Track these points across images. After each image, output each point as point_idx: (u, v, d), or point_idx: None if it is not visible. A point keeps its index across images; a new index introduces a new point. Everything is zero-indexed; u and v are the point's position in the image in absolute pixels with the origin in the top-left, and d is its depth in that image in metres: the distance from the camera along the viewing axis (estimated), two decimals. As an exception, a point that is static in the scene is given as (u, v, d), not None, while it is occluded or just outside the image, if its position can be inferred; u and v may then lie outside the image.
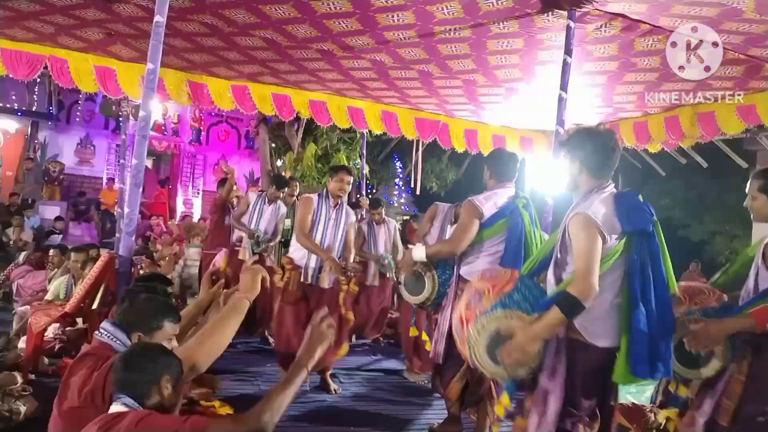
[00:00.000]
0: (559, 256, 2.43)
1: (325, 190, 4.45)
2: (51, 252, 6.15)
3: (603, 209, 2.31)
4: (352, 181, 4.43)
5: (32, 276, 6.38)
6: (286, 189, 5.93)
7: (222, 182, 6.43)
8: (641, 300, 2.27)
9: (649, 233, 2.32)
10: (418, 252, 3.44)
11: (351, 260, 4.49)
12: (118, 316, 2.16)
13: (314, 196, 4.39)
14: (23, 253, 7.24)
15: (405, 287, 3.69)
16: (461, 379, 3.37)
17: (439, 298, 3.53)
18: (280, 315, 4.41)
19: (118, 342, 2.06)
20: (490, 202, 3.33)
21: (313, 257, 4.26)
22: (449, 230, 5.13)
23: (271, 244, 5.79)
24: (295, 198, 6.54)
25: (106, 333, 2.09)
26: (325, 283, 4.29)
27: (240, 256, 5.59)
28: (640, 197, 2.41)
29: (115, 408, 1.70)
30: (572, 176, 2.46)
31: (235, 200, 6.40)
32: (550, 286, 2.46)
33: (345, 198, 4.46)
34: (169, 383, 1.76)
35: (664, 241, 2.38)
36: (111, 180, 13.91)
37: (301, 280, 4.28)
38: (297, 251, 4.35)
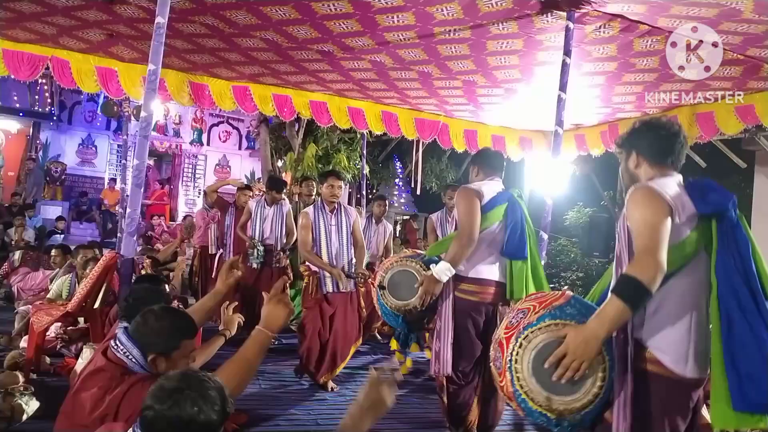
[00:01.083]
0: (625, 258, 1.94)
1: (319, 199, 4.48)
2: (53, 251, 6.16)
3: (670, 187, 1.92)
4: (343, 185, 4.44)
5: (31, 277, 6.40)
6: (281, 189, 5.85)
7: (241, 188, 6.44)
8: (738, 306, 1.80)
9: (733, 219, 1.89)
10: (442, 269, 3.04)
11: (363, 260, 4.43)
12: (133, 332, 1.98)
13: (310, 210, 4.39)
14: (17, 253, 7.22)
15: (390, 292, 3.31)
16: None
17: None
18: (301, 320, 4.46)
19: (132, 360, 1.93)
20: (485, 188, 3.23)
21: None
22: (449, 226, 5.23)
23: (261, 249, 5.56)
24: (314, 197, 6.54)
25: (121, 348, 1.95)
26: (342, 287, 4.34)
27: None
28: None
29: None
30: (629, 172, 2.12)
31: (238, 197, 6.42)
32: None
33: (340, 200, 4.48)
34: None
35: (751, 234, 1.92)
36: (113, 180, 13.98)
37: (320, 287, 4.31)
38: None
